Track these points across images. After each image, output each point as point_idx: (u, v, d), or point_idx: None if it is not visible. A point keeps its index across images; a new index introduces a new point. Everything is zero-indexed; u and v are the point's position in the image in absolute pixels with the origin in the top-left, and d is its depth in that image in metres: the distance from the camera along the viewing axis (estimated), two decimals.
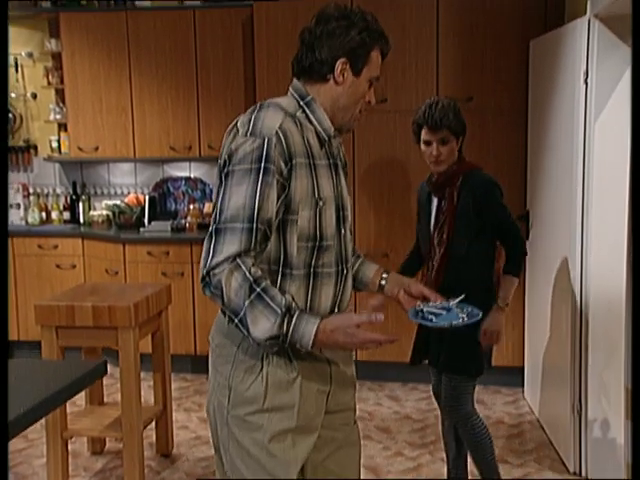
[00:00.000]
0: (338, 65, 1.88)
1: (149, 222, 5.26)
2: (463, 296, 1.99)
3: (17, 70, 5.65)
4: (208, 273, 1.73)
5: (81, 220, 5.63)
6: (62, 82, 5.40)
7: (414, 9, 4.53)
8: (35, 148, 5.80)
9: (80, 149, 5.36)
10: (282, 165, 1.78)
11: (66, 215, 5.71)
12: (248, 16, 4.97)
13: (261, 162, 1.75)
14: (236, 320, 1.75)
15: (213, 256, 1.73)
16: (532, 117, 4.35)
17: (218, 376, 1.93)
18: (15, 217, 5.65)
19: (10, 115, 5.67)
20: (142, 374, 3.49)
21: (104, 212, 5.50)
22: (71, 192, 5.73)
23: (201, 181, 5.56)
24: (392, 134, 4.65)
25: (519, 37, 4.45)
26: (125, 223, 5.34)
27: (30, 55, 5.66)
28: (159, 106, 5.21)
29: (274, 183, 1.76)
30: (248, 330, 1.73)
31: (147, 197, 5.35)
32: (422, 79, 4.58)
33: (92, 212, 5.57)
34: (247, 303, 1.72)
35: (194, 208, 5.38)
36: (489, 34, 4.50)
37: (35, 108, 5.76)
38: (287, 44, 4.76)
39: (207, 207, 5.39)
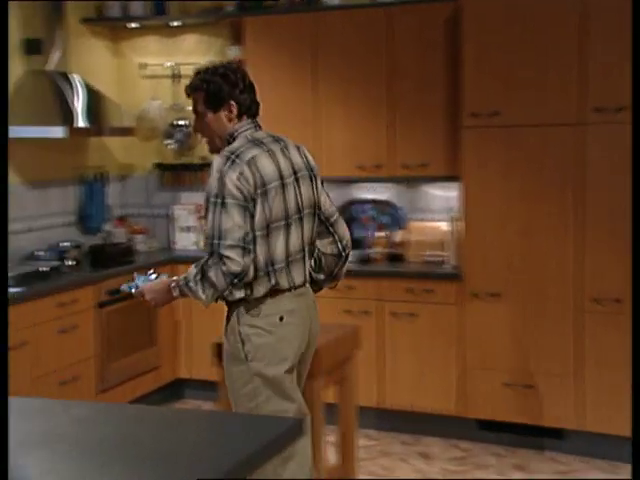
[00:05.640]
0: None
1: None
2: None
3: None
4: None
5: None
6: None
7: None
8: None
9: None
10: None
11: None
12: (451, 14, 4.31)
13: None
14: None
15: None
16: None
17: None
18: None
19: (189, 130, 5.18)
20: None
21: None
22: None
23: (388, 204, 4.86)
24: None
25: None
26: None
27: None
28: (346, 119, 4.61)
29: None
30: None
31: None
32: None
33: None
34: None
35: (382, 236, 4.72)
36: None
37: None
38: (499, 43, 4.09)
39: (399, 236, 4.70)
